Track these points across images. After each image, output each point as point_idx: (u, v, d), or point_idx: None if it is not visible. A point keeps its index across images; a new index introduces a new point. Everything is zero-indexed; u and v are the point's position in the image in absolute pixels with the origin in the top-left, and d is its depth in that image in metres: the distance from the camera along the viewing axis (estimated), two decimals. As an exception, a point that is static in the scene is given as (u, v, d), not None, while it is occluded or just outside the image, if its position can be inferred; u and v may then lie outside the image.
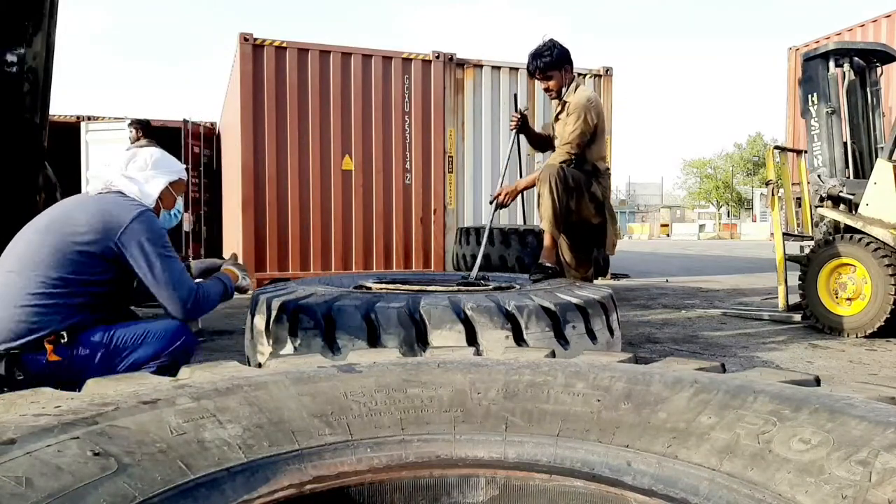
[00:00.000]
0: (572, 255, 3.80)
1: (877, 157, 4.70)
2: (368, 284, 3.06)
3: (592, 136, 3.57)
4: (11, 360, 1.89)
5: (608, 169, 3.86)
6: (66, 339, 1.95)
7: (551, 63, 3.56)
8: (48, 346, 1.92)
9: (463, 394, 1.11)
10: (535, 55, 3.60)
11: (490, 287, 2.97)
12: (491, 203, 3.76)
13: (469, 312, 2.20)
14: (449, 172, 8.12)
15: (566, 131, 3.55)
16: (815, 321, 4.70)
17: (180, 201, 2.36)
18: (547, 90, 3.66)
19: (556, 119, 3.74)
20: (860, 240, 4.43)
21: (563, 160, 3.50)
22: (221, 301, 2.27)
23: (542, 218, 3.49)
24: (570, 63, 3.64)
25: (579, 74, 8.17)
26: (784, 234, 5.36)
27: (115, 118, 13.81)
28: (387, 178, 7.93)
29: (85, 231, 1.99)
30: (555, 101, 3.75)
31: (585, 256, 3.88)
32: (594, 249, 3.94)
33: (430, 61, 8.02)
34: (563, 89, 3.64)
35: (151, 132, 6.92)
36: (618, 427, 1.01)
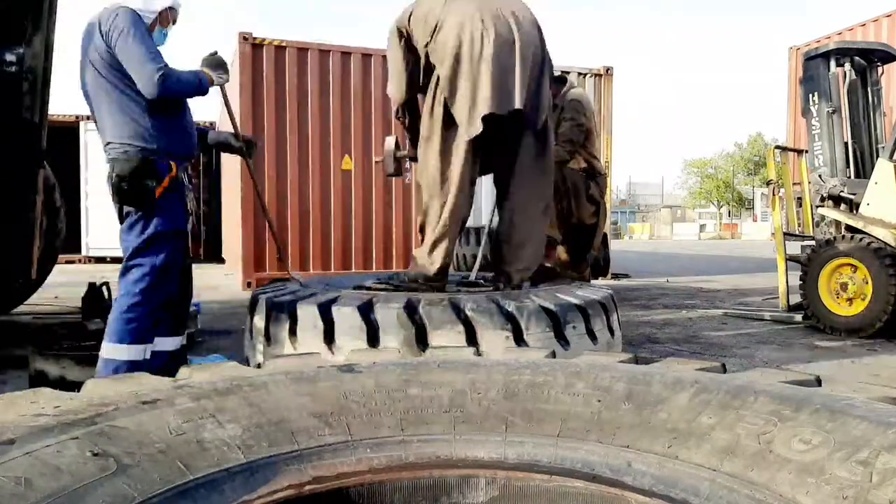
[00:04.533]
0: (569, 256, 3.80)
1: (878, 156, 4.69)
2: (368, 284, 3.05)
3: (586, 135, 3.60)
4: None
5: (604, 170, 3.89)
6: None
7: None
8: None
9: (463, 394, 1.11)
10: None
11: (490, 287, 2.96)
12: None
13: (469, 313, 2.20)
14: (449, 172, 8.10)
15: (559, 131, 3.56)
16: (816, 321, 4.69)
17: (171, 27, 2.59)
18: None
19: None
20: (861, 240, 4.43)
21: (559, 160, 3.50)
22: (194, 93, 2.48)
23: None
24: (556, 82, 3.65)
25: (580, 74, 8.18)
26: (785, 233, 5.36)
27: (116, 118, 13.77)
28: (387, 177, 7.92)
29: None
30: None
31: (582, 256, 3.89)
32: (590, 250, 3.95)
33: (430, 61, 8.01)
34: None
35: None
36: (618, 427, 1.01)
